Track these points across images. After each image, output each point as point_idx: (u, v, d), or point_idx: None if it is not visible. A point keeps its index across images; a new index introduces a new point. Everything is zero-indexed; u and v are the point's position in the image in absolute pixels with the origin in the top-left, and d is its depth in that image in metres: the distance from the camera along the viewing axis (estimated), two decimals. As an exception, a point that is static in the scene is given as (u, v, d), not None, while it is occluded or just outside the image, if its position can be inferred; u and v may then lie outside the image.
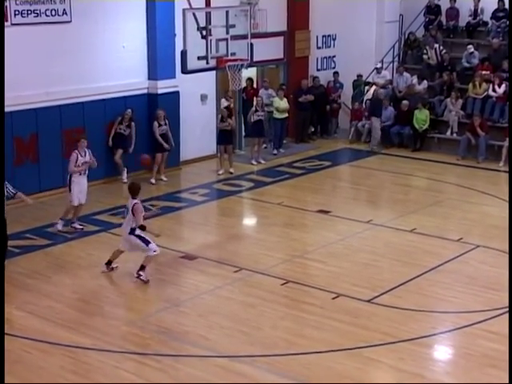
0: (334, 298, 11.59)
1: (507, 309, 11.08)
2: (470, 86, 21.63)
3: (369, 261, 13.19)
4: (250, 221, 16.58)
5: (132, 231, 12.09)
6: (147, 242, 12.08)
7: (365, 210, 16.27)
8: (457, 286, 12.03)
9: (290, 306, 11.47)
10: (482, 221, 15.44)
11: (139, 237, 12.09)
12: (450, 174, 19.23)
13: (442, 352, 10.39)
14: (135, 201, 12.07)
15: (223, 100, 20.22)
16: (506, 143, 19.95)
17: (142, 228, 12.06)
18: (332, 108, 23.30)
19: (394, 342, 10.16)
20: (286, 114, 21.17)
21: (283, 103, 20.98)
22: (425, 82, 22.34)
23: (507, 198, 16.69)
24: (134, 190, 12.18)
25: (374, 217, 15.52)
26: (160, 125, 18.25)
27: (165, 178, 18.36)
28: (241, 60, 16.86)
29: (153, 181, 18.05)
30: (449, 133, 21.50)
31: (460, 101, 21.53)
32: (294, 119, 22.13)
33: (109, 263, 12.55)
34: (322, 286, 11.97)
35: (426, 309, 11.26)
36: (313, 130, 23.10)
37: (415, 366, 9.60)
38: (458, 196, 17.38)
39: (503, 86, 21.19)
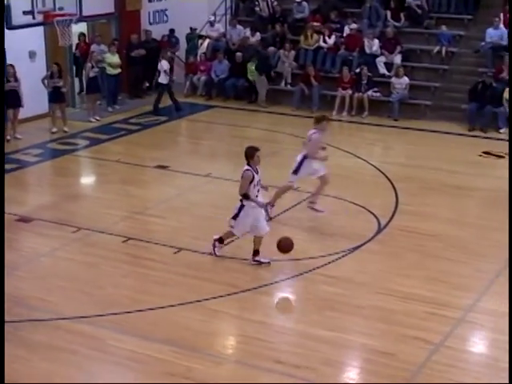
0: (175, 253, 11.59)
1: (343, 253, 11.47)
2: (302, 37, 21.99)
3: (209, 214, 13.25)
4: (87, 179, 16.25)
5: (241, 200, 11.03)
6: (235, 216, 11.05)
7: (203, 163, 16.28)
8: (296, 234, 12.26)
9: (132, 263, 11.38)
10: (318, 169, 15.79)
11: (240, 208, 11.03)
12: (286, 125, 19.54)
13: (284, 299, 10.64)
14: (246, 167, 11.05)
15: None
16: (339, 93, 20.50)
17: (245, 197, 10.93)
18: (166, 62, 23.06)
19: (236, 293, 10.30)
20: (119, 70, 20.77)
21: (116, 59, 20.57)
22: (258, 34, 22.50)
23: (340, 147, 17.20)
24: (246, 155, 11.14)
25: (213, 170, 15.58)
26: (9, 81, 17.55)
27: (19, 136, 17.84)
28: (69, 15, 16.37)
29: (8, 138, 17.59)
30: (283, 84, 21.83)
31: (293, 52, 21.85)
32: (128, 75, 21.76)
33: (255, 253, 11.22)
34: (164, 242, 11.93)
35: (267, 258, 11.45)
36: (147, 85, 22.80)
37: (258, 314, 9.78)
38: (294, 146, 17.62)
39: (333, 37, 21.69)
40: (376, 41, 21.21)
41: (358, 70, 20.78)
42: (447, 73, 20.74)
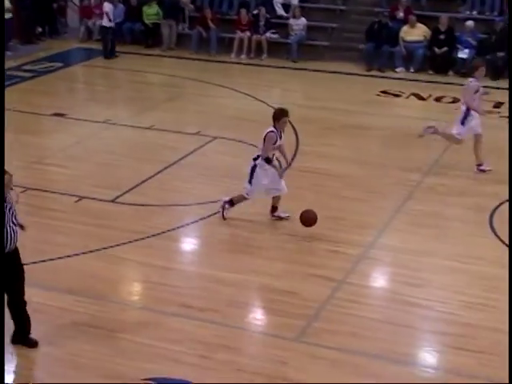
0: (76, 202, 11.41)
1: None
2: (198, -21, 21.69)
3: (109, 161, 13.07)
4: (-19, 130, 15.75)
5: (254, 159, 10.52)
6: (250, 180, 10.51)
7: (101, 110, 15.97)
8: (198, 178, 12.29)
9: (33, 213, 11.10)
10: (218, 112, 15.77)
11: (252, 169, 10.48)
12: (185, 69, 19.35)
13: (188, 243, 10.67)
14: (270, 128, 10.43)
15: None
16: (237, 35, 20.36)
17: (267, 161, 10.38)
18: (59, 6, 22.40)
19: (141, 239, 10.24)
20: (10, 15, 20.04)
21: (6, 2, 19.83)
22: (153, -24, 22.08)
23: (240, 89, 17.18)
24: (273, 116, 10.52)
25: (112, 116, 15.33)
26: None
27: None
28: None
29: None
30: (180, 27, 21.53)
31: (189, -6, 21.56)
32: (18, 19, 20.98)
33: (274, 209, 10.84)
34: (64, 191, 11.73)
35: (169, 203, 11.42)
36: (40, 30, 22.12)
37: (163, 260, 9.77)
38: (194, 90, 17.57)
39: (230, -22, 21.47)
40: (273, -18, 21.12)
41: (255, 12, 20.68)
42: (344, 13, 20.85)
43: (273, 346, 8.04)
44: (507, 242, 10.06)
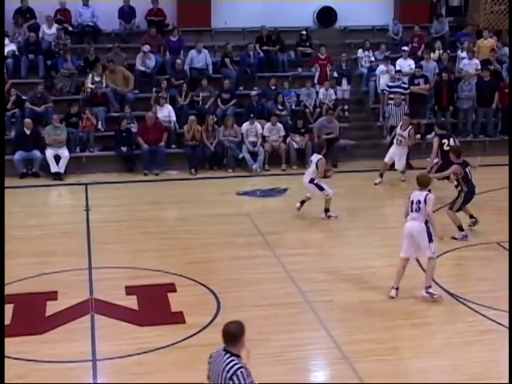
0: None
1: None
2: None
3: None
4: None
5: (311, 180, 14.62)
6: (322, 189, 14.62)
7: None
8: None
9: None
10: None
11: (316, 185, 14.61)
12: None
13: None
14: (320, 156, 14.59)
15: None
16: None
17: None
18: None
19: None
20: None
21: None
22: None
23: None
24: (320, 148, 14.91)
25: None
26: None
27: None
28: None
29: None
30: None
31: None
32: None
33: (326, 211, 14.82)
34: None
35: None
36: None
37: None
38: None
39: None
40: None
41: None
42: None
43: None
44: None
